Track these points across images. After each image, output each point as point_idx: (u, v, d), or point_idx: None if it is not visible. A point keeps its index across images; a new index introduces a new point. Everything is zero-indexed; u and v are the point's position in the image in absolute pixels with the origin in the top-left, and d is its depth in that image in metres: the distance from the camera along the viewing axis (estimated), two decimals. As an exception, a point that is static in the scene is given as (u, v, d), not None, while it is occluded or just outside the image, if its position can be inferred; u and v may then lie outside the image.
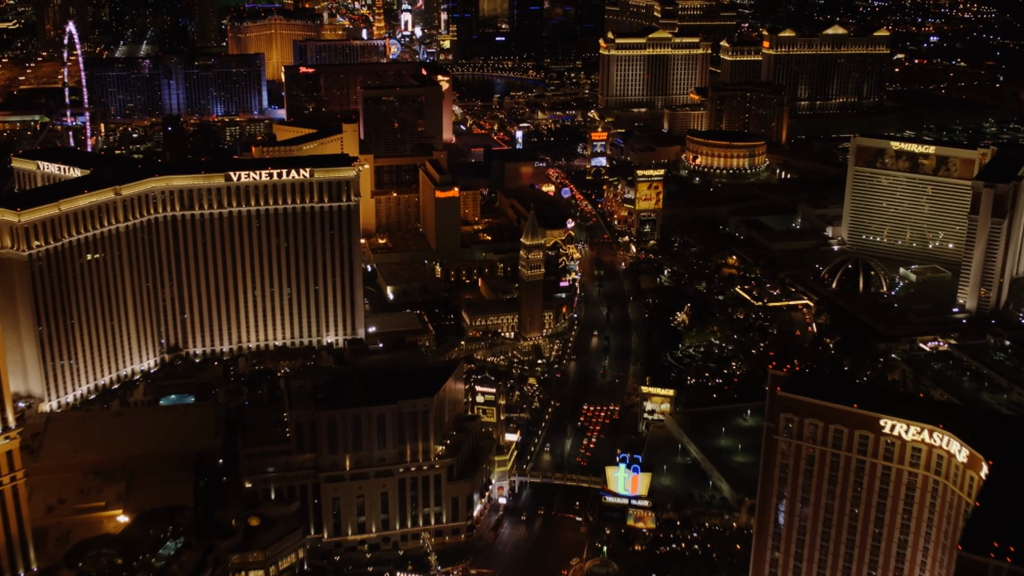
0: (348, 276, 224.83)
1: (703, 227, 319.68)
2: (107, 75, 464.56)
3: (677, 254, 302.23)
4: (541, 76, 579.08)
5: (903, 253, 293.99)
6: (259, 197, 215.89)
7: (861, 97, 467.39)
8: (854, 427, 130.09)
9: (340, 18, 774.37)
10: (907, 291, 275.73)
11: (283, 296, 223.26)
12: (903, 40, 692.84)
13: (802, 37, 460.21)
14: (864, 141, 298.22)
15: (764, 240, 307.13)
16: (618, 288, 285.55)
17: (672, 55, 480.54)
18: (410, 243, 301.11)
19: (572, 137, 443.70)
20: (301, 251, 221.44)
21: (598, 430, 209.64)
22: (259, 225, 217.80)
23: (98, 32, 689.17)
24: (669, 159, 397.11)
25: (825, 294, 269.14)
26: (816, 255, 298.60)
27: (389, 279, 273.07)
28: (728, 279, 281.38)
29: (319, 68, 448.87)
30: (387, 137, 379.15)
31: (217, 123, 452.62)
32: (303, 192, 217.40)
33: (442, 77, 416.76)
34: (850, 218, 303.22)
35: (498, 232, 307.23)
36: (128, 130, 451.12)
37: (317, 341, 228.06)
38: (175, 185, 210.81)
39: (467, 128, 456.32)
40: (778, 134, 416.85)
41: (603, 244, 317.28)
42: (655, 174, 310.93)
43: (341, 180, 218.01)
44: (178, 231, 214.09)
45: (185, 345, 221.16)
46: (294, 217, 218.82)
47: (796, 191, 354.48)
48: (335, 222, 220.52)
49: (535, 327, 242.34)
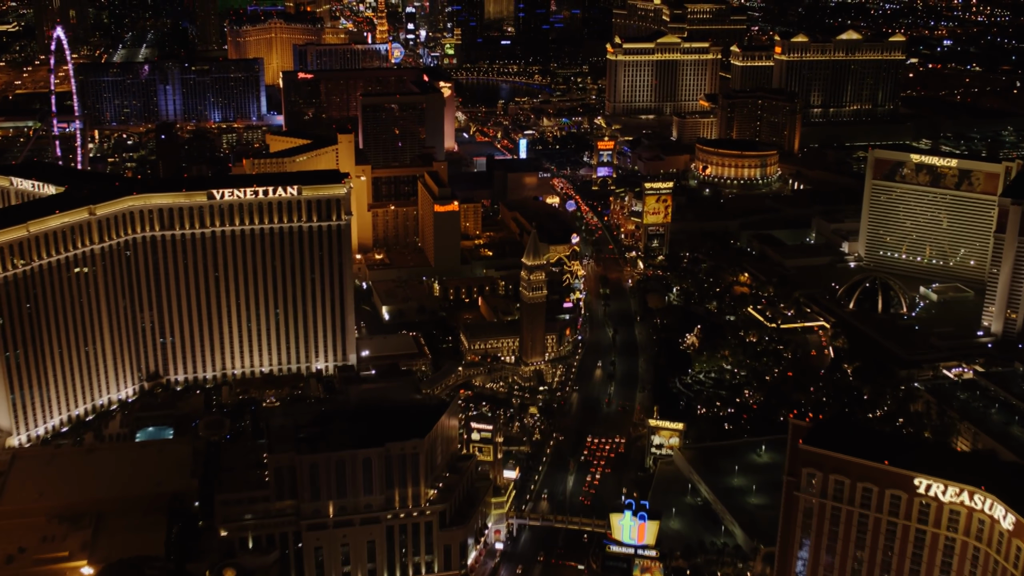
0: (338, 299, 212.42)
1: (713, 242, 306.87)
2: (101, 80, 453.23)
3: (686, 271, 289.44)
4: (547, 81, 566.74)
5: (923, 270, 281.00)
6: (244, 216, 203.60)
7: (876, 104, 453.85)
8: (885, 486, 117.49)
9: (344, 20, 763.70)
10: (928, 312, 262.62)
11: (269, 320, 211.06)
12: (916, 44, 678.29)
13: (815, 43, 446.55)
14: (882, 154, 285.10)
15: (777, 256, 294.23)
16: (624, 307, 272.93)
17: (681, 60, 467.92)
18: (408, 259, 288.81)
19: (578, 145, 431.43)
20: (289, 273, 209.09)
21: (603, 465, 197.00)
22: (244, 246, 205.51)
23: (98, 35, 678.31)
24: (678, 168, 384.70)
25: (842, 315, 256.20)
26: (832, 272, 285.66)
27: (385, 298, 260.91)
28: (740, 298, 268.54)
29: (318, 74, 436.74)
30: (387, 146, 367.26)
31: (214, 130, 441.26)
32: (291, 211, 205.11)
33: (444, 83, 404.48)
34: (867, 234, 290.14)
35: (500, 247, 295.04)
36: (123, 137, 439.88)
37: (306, 368, 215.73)
38: (154, 204, 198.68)
39: (470, 136, 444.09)
40: (790, 143, 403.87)
41: (609, 259, 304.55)
42: (663, 187, 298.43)
43: (331, 198, 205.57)
44: (158, 252, 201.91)
45: (165, 372, 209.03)
46: (281, 237, 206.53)
47: (810, 203, 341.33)
48: (325, 242, 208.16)
49: (537, 352, 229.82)
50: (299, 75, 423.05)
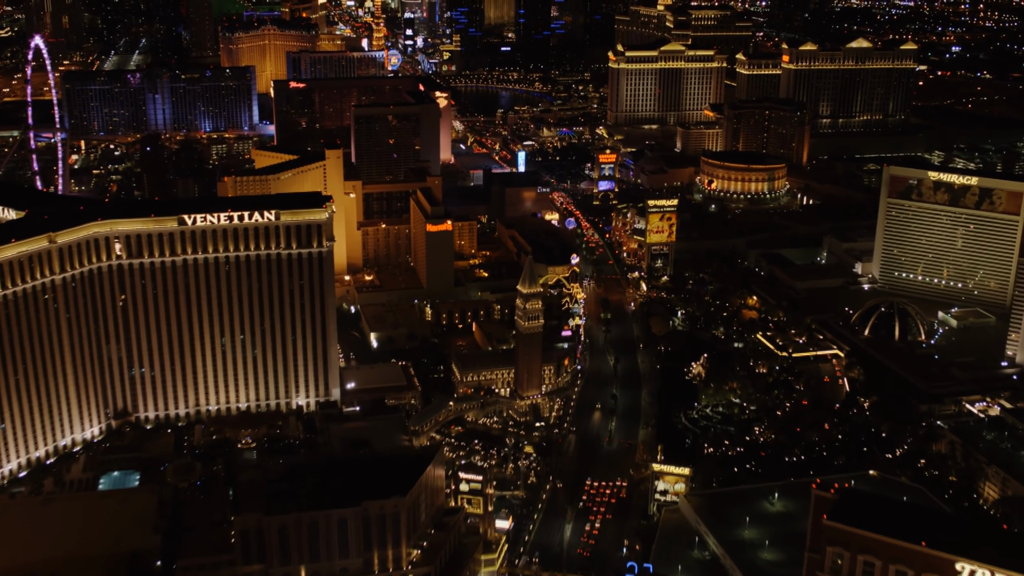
0: (320, 331, 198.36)
1: (720, 262, 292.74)
2: (89, 89, 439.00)
3: (691, 293, 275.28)
4: (548, 89, 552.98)
5: (940, 293, 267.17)
6: (218, 243, 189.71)
7: (886, 114, 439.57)
8: (922, 569, 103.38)
9: (342, 25, 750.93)
10: (948, 339, 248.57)
11: (246, 354, 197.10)
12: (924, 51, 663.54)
13: (824, 51, 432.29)
14: (898, 171, 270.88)
15: (787, 278, 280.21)
16: (627, 333, 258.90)
17: (685, 68, 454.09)
18: (399, 280, 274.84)
19: (579, 156, 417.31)
20: (267, 303, 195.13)
21: (603, 512, 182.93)
22: (218, 274, 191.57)
23: (92, 40, 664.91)
24: (682, 182, 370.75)
25: (857, 343, 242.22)
26: (845, 295, 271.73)
27: (373, 323, 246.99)
28: (749, 324, 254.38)
29: (311, 83, 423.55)
30: (380, 159, 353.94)
31: (203, 140, 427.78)
32: (268, 237, 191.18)
33: (440, 93, 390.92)
34: (882, 254, 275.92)
35: (496, 268, 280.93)
36: (110, 147, 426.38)
37: (285, 404, 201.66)
38: (120, 230, 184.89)
39: (467, 147, 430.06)
40: (799, 155, 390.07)
41: (611, 280, 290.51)
42: (667, 204, 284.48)
43: (311, 223, 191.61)
44: (125, 281, 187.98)
45: (134, 410, 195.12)
46: (258, 265, 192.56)
47: (820, 220, 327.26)
48: (305, 270, 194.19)
49: (533, 384, 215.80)
50: (291, 84, 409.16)
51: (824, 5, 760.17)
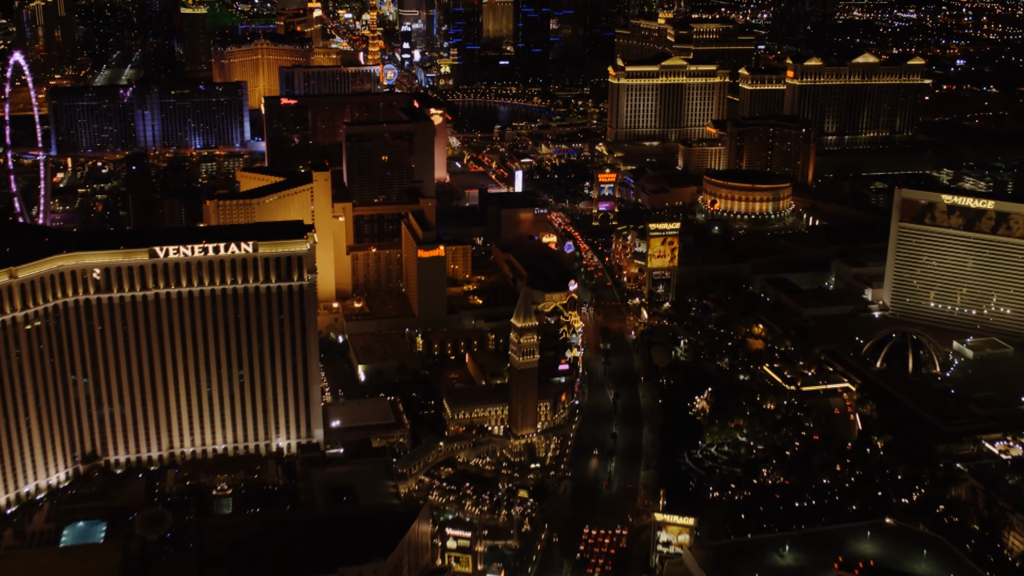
0: (302, 368, 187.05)
1: (724, 287, 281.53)
2: (76, 105, 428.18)
3: (694, 320, 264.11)
4: (547, 104, 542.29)
5: (953, 321, 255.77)
6: (192, 276, 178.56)
7: (894, 131, 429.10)
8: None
9: (338, 39, 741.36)
10: (964, 371, 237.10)
11: (223, 393, 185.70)
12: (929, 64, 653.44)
13: (829, 66, 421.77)
14: (910, 193, 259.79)
15: (794, 304, 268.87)
16: (627, 364, 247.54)
17: (687, 84, 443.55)
18: (389, 308, 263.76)
19: (578, 174, 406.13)
20: (244, 339, 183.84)
21: (602, 563, 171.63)
22: (192, 309, 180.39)
23: (86, 54, 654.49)
24: (684, 201, 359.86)
25: (868, 376, 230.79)
26: (855, 323, 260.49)
27: (361, 355, 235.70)
28: (755, 355, 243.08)
29: (303, 99, 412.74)
30: (373, 179, 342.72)
31: (193, 158, 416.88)
32: (245, 269, 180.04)
33: (435, 110, 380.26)
34: (893, 281, 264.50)
35: (491, 294, 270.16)
36: (98, 165, 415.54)
37: (265, 446, 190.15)
38: (88, 263, 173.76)
39: (464, 164, 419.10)
40: (804, 173, 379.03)
41: (610, 307, 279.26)
42: (670, 228, 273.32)
43: (292, 255, 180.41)
44: (93, 317, 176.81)
45: (104, 453, 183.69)
46: (235, 299, 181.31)
47: (827, 241, 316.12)
48: (285, 304, 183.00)
49: (528, 423, 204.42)
50: (282, 101, 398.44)
51: (826, 18, 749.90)
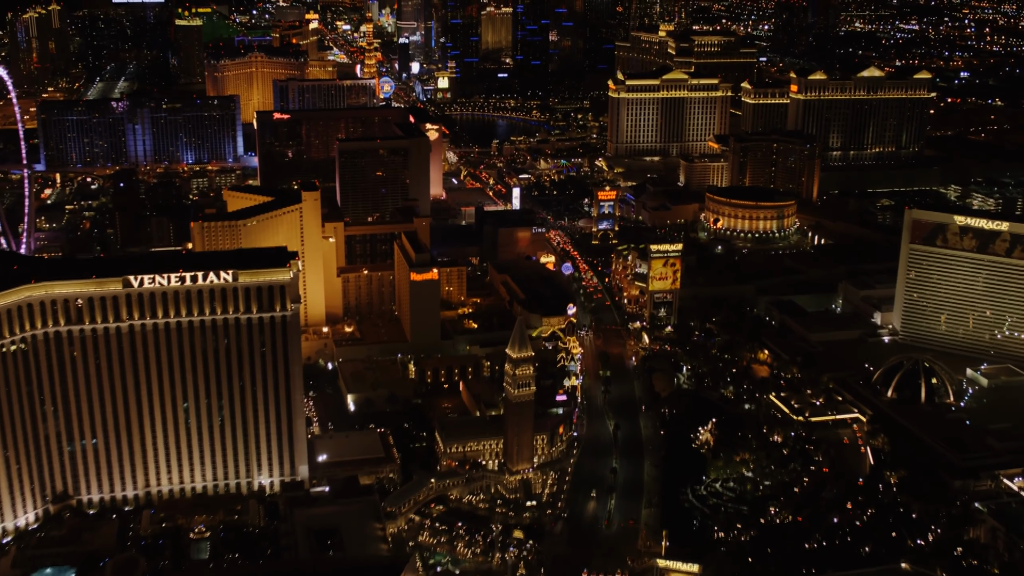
0: (285, 403, 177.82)
1: (728, 310, 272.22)
2: (66, 119, 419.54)
3: (697, 345, 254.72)
4: (545, 117, 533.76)
5: (966, 346, 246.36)
6: (168, 306, 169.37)
7: (900, 146, 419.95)
8: None
9: (336, 50, 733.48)
10: (979, 401, 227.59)
11: (201, 429, 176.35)
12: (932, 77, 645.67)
13: (834, 80, 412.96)
14: (921, 214, 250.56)
15: (800, 329, 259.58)
16: (627, 392, 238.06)
17: (689, 98, 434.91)
18: (381, 332, 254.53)
19: (577, 190, 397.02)
20: (224, 372, 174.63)
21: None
22: (169, 341, 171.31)
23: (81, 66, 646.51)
24: (686, 219, 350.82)
25: (879, 406, 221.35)
26: (864, 349, 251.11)
27: (351, 383, 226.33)
28: (760, 383, 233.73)
29: (296, 113, 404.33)
30: (366, 197, 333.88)
31: (183, 174, 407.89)
32: (225, 300, 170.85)
33: (431, 126, 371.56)
34: (903, 305, 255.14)
35: (486, 318, 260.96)
36: (87, 180, 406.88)
37: (247, 484, 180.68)
38: (58, 294, 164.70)
39: (460, 181, 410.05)
40: (809, 190, 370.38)
41: (610, 331, 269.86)
42: (672, 249, 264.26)
43: (273, 284, 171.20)
44: (64, 350, 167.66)
45: (76, 492, 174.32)
46: (214, 330, 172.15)
47: (833, 261, 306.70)
48: (267, 336, 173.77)
49: (524, 458, 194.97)
50: (275, 115, 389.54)
51: (829, 30, 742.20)
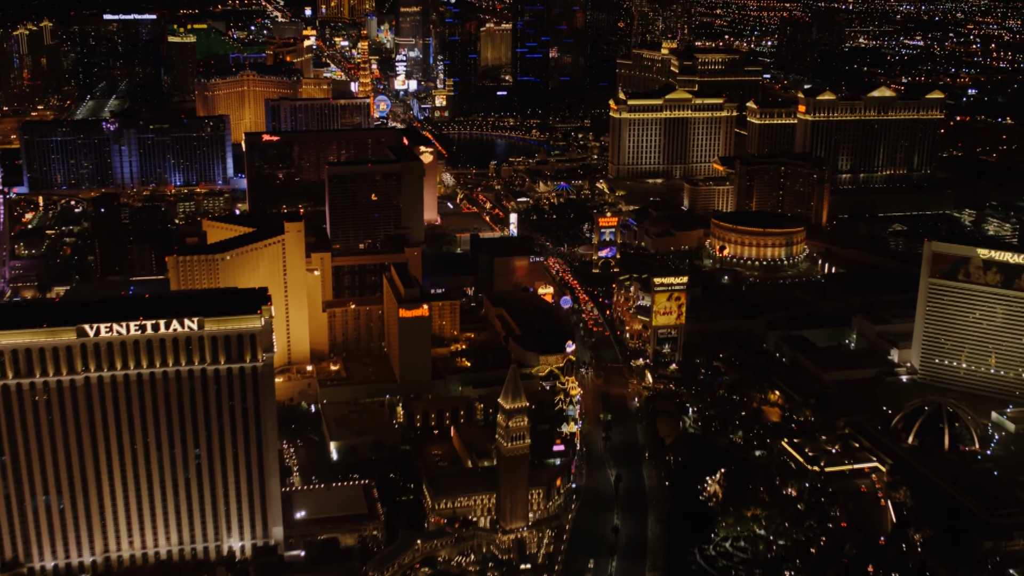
0: (257, 461, 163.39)
1: (736, 346, 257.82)
2: (50, 140, 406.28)
3: (704, 385, 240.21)
4: (545, 137, 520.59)
5: (989, 386, 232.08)
6: (127, 357, 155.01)
7: (911, 169, 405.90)
8: None
9: (333, 67, 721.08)
10: (1006, 448, 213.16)
11: (166, 489, 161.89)
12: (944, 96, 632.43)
13: (843, 100, 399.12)
14: (942, 247, 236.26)
15: (813, 367, 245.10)
16: (630, 437, 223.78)
17: (692, 118, 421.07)
18: (369, 371, 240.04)
19: (577, 213, 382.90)
20: (189, 428, 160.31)
21: None
22: (129, 395, 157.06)
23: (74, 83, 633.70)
24: (690, 245, 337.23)
25: (900, 454, 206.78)
26: (881, 389, 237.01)
27: (334, 429, 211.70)
28: (772, 428, 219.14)
29: (287, 135, 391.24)
30: (357, 222, 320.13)
31: (169, 197, 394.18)
32: (189, 350, 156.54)
33: (425, 148, 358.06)
34: (923, 342, 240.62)
35: (480, 355, 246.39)
36: (71, 204, 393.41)
37: (215, 549, 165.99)
38: (6, 344, 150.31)
39: (456, 204, 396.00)
40: (818, 215, 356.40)
41: (611, 368, 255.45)
42: (676, 282, 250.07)
43: (243, 333, 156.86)
44: (12, 405, 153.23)
45: (28, 559, 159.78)
46: (178, 383, 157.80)
47: (845, 292, 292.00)
48: (236, 389, 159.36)
49: (518, 515, 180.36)
50: (263, 137, 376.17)
51: (833, 46, 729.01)
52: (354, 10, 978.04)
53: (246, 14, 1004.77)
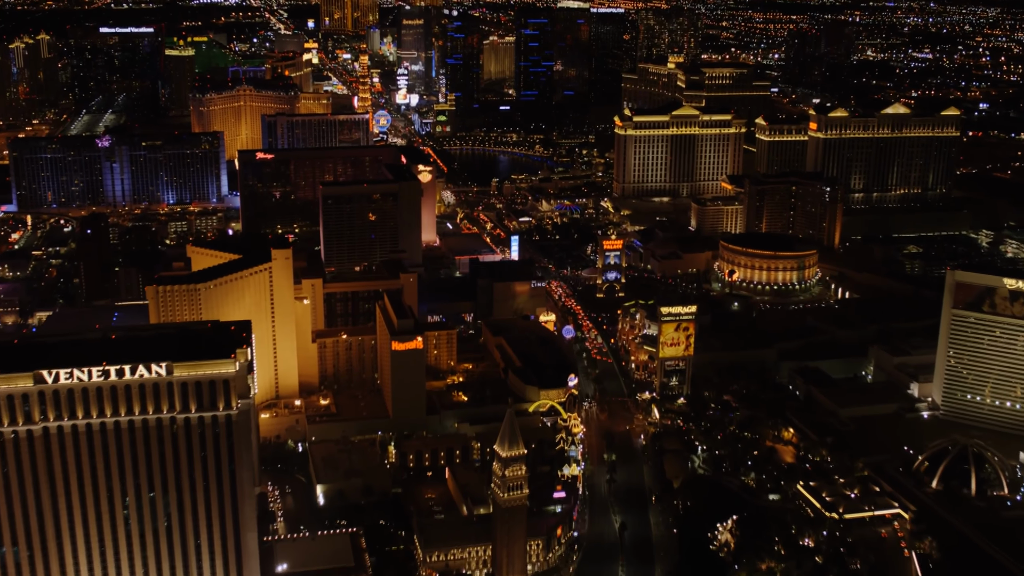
0: (231, 516, 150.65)
1: (747, 379, 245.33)
2: (39, 157, 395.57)
3: (714, 421, 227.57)
4: (549, 153, 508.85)
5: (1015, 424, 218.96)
6: (89, 405, 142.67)
7: (926, 187, 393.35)
8: None
9: (334, 80, 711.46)
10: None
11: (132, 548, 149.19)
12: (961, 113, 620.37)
13: (856, 118, 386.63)
14: (966, 276, 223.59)
15: (829, 402, 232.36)
16: (635, 478, 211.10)
17: (700, 135, 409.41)
18: (361, 406, 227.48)
19: (581, 234, 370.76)
20: (158, 482, 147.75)
21: None
22: (92, 446, 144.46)
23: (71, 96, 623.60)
24: (698, 268, 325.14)
25: (924, 500, 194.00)
26: (901, 426, 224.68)
27: (322, 471, 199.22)
28: (787, 471, 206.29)
29: (280, 153, 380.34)
30: (352, 245, 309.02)
31: (161, 216, 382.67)
32: (157, 397, 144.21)
33: (423, 167, 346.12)
34: (945, 376, 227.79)
35: (478, 389, 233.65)
36: (60, 223, 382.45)
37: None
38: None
39: (456, 225, 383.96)
40: (830, 236, 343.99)
41: (616, 403, 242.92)
42: (684, 312, 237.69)
43: (216, 378, 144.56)
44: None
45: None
46: (145, 433, 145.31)
47: (861, 319, 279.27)
48: (208, 439, 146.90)
49: (515, 570, 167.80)
50: (257, 155, 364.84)
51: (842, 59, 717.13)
52: (357, 23, 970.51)
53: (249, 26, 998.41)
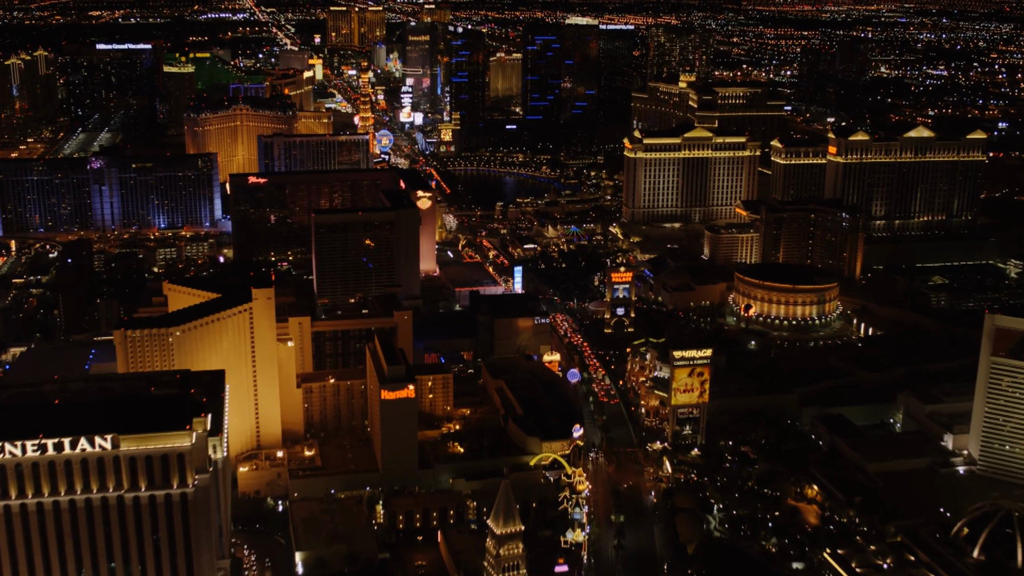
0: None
1: (766, 426, 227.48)
2: (25, 179, 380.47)
3: (730, 475, 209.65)
4: (556, 174, 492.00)
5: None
6: (23, 484, 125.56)
7: (951, 214, 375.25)
8: None
9: (338, 96, 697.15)
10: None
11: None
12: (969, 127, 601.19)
13: (878, 142, 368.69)
14: (1006, 321, 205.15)
15: (855, 455, 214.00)
16: (646, 542, 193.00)
17: (713, 158, 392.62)
18: (348, 458, 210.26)
19: (589, 261, 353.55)
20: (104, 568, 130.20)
21: None
22: (27, 529, 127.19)
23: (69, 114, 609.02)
24: (712, 300, 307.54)
25: (964, 570, 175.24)
26: (936, 483, 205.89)
27: (302, 536, 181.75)
28: (811, 535, 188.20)
29: (275, 176, 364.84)
30: (346, 275, 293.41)
31: (150, 242, 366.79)
32: (102, 473, 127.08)
33: (423, 193, 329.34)
34: (982, 428, 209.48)
35: (476, 439, 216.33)
36: (46, 248, 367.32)
37: None
38: None
39: (458, 252, 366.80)
40: (851, 267, 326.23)
41: (624, 454, 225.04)
42: (699, 356, 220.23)
43: (168, 452, 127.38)
44: None
45: None
46: (88, 514, 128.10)
47: (887, 360, 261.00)
48: (161, 521, 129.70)
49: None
50: (249, 179, 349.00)
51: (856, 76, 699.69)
52: (364, 38, 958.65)
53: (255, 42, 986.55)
